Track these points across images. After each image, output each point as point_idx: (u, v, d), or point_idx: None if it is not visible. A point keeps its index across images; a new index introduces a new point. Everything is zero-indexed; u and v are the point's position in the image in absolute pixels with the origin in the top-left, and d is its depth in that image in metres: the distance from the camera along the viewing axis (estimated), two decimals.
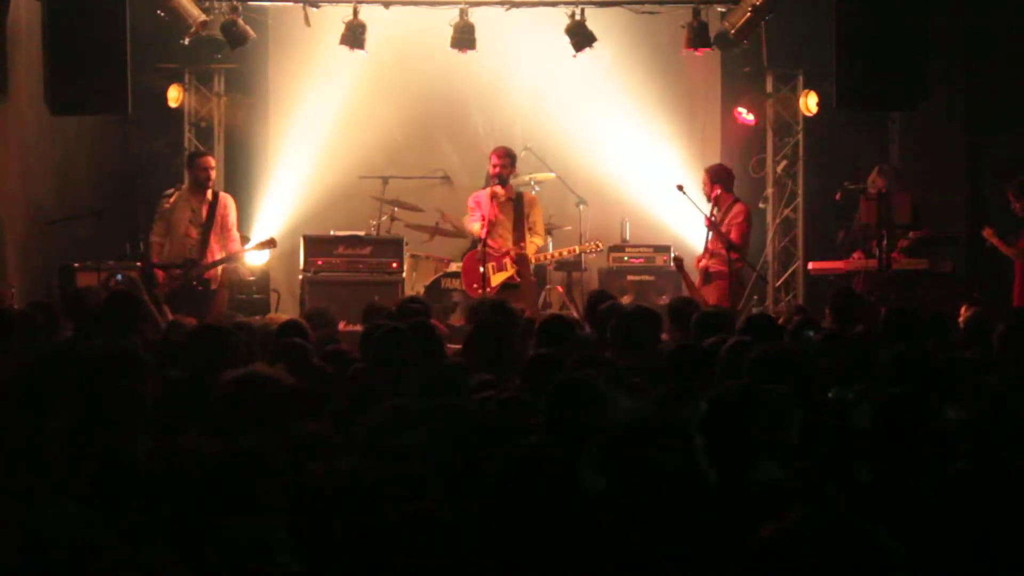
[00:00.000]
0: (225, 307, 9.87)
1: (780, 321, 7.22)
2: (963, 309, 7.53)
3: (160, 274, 9.78)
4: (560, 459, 3.41)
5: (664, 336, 6.80)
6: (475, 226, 10.18)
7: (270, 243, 10.31)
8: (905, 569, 2.62)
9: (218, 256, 10.08)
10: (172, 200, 10.22)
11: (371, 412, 4.40)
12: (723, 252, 9.68)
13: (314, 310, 7.71)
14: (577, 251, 10.54)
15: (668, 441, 3.55)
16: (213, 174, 10.18)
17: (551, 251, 10.83)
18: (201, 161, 10.25)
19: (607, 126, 12.26)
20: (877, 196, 10.56)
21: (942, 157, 11.90)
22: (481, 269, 9.95)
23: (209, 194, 10.13)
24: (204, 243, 10.02)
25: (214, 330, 5.73)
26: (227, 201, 10.23)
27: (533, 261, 10.31)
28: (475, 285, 10.01)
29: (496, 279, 10.01)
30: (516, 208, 10.13)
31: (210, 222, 10.03)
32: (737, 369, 4.80)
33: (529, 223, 10.24)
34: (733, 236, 9.86)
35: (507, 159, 10.12)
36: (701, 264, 10.12)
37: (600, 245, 10.51)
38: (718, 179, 10.24)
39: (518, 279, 10.01)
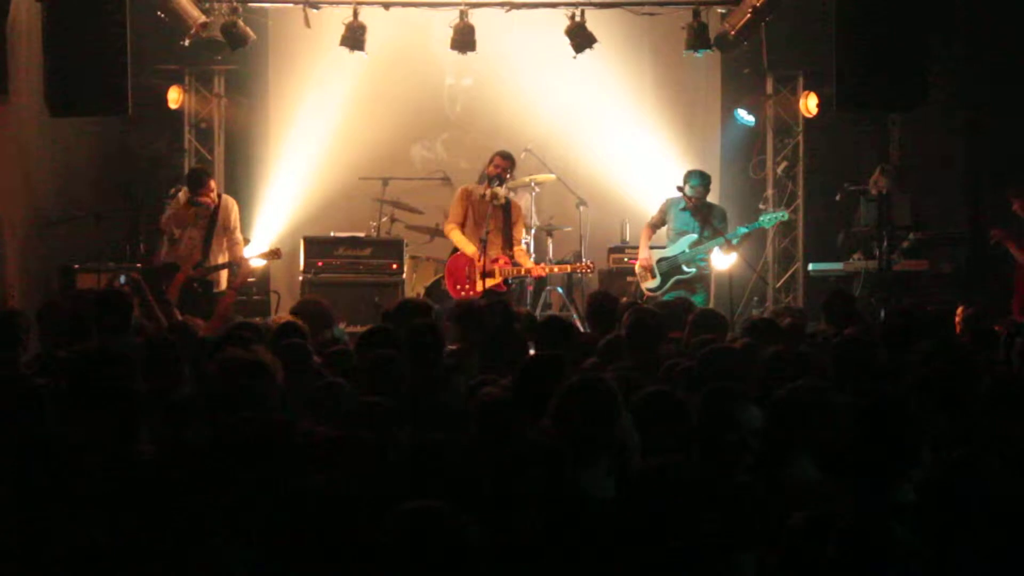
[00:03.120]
0: (231, 309, 9.88)
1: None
2: (960, 311, 7.52)
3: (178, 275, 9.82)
4: (563, 461, 3.41)
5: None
6: (456, 235, 10.04)
7: (275, 254, 10.28)
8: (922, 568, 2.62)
9: (221, 259, 10.13)
10: (175, 199, 10.25)
11: (371, 413, 4.40)
12: None
13: (303, 304, 7.58)
14: (569, 270, 10.51)
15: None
16: (214, 198, 10.13)
17: (543, 265, 10.70)
18: (204, 185, 10.20)
19: (607, 127, 12.25)
20: (878, 197, 10.58)
21: (942, 157, 11.91)
22: (479, 270, 9.89)
23: (214, 197, 10.16)
24: (207, 245, 10.05)
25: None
26: (229, 203, 10.26)
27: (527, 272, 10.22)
28: (458, 287, 9.96)
29: (481, 285, 9.90)
30: (505, 214, 10.11)
31: (212, 224, 10.07)
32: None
33: (514, 231, 10.20)
34: None
35: (509, 162, 10.11)
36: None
37: (592, 266, 10.51)
38: None
39: (505, 287, 9.97)
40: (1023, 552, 3.24)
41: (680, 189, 10.05)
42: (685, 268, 10.05)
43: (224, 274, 10.17)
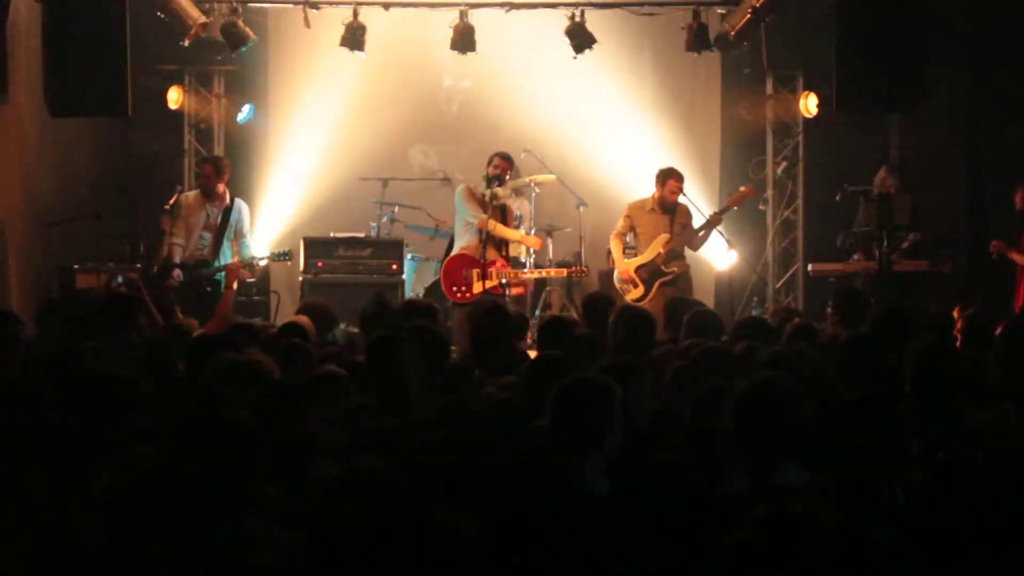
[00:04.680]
0: (231, 307, 9.90)
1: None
2: (957, 311, 7.51)
3: (177, 274, 9.86)
4: (561, 461, 3.41)
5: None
6: (501, 228, 10.00)
7: (285, 255, 10.33)
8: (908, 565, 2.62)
9: (232, 261, 10.16)
10: (187, 201, 10.27)
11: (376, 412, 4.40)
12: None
13: (310, 305, 7.64)
14: (565, 274, 10.49)
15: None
16: (212, 182, 10.13)
17: (535, 269, 10.68)
18: (200, 168, 10.36)
19: (607, 127, 12.25)
20: (877, 197, 10.58)
21: (942, 157, 11.91)
22: (476, 271, 9.87)
23: (227, 199, 10.18)
24: (217, 246, 10.09)
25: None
26: (242, 207, 10.29)
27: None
28: (455, 288, 9.94)
29: (479, 287, 9.87)
30: (503, 216, 10.11)
31: (224, 226, 10.11)
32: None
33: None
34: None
35: (508, 163, 10.11)
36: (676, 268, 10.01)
37: (587, 270, 10.49)
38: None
39: (501, 289, 9.95)
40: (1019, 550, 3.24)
41: (681, 191, 10.02)
42: (664, 269, 9.99)
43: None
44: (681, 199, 10.07)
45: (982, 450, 3.82)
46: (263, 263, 10.44)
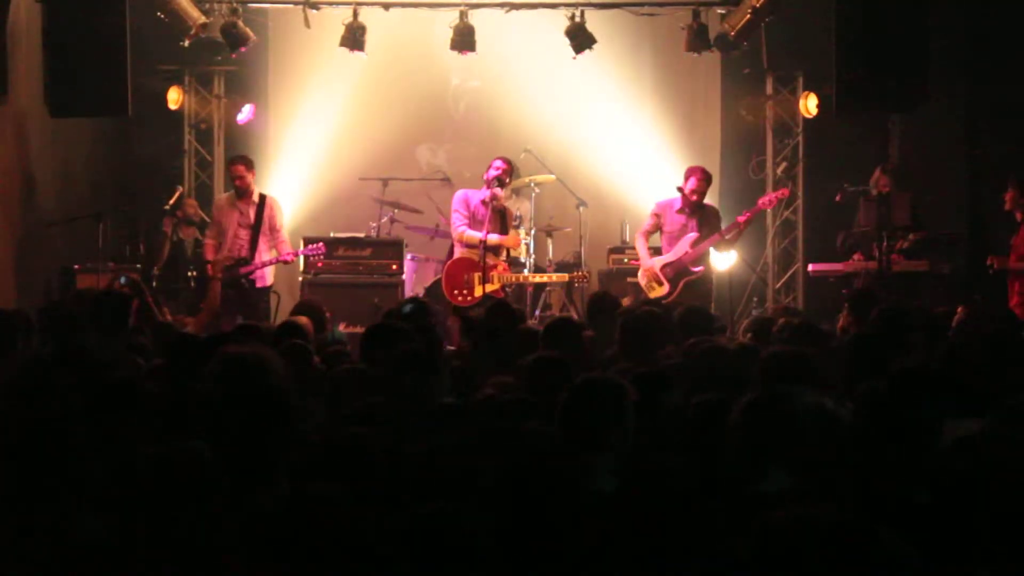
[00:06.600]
0: (219, 298, 10.01)
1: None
2: (959, 310, 7.50)
3: (210, 269, 10.19)
4: (570, 460, 3.40)
5: None
6: (470, 233, 10.03)
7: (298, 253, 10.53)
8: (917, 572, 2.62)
9: (266, 257, 10.27)
10: (219, 203, 10.45)
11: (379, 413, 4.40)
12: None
13: (305, 304, 7.66)
14: (567, 279, 10.49)
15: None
16: (248, 181, 10.33)
17: (539, 273, 10.70)
18: (231, 169, 10.54)
19: (607, 128, 12.26)
20: (877, 198, 10.57)
21: (942, 157, 11.90)
22: (477, 275, 9.88)
23: (256, 197, 10.30)
24: (253, 244, 10.25)
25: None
26: (273, 204, 10.45)
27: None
28: (455, 291, 9.95)
29: (480, 291, 9.87)
30: (502, 220, 10.11)
31: (258, 224, 10.27)
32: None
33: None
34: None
35: (509, 166, 10.13)
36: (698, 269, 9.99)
37: (588, 275, 10.51)
38: None
39: (502, 294, 9.96)
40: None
41: (680, 189, 10.02)
42: (692, 268, 9.98)
43: (271, 270, 10.38)
44: (717, 202, 10.11)
45: (981, 454, 3.82)
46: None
